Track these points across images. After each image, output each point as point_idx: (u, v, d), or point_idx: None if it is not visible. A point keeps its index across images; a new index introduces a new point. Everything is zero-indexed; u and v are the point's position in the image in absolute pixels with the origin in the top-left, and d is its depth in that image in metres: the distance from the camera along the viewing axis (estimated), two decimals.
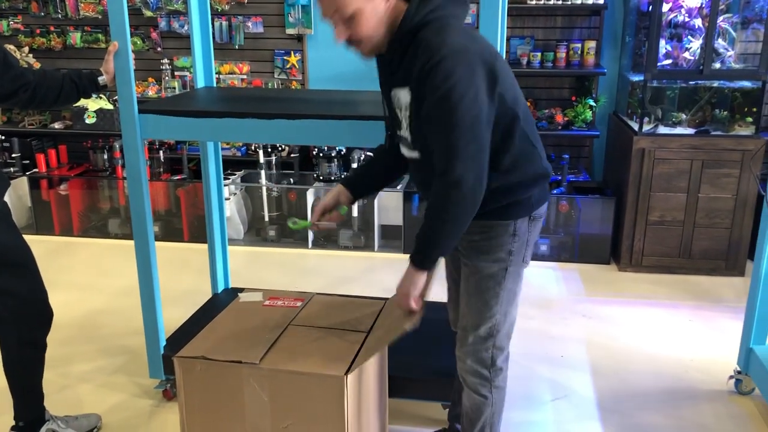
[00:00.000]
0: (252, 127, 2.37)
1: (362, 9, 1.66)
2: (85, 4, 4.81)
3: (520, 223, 1.87)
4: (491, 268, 1.90)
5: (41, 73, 2.26)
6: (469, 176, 1.66)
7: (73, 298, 3.68)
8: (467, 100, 1.62)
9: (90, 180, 4.70)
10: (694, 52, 3.84)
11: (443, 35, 1.65)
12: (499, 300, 1.93)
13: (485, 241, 1.89)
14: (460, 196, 1.67)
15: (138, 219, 2.52)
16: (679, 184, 3.81)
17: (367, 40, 1.73)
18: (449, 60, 1.61)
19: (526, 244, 1.91)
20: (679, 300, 3.65)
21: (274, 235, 4.55)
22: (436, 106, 1.64)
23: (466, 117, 1.63)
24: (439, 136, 1.67)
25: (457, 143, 1.64)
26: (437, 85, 1.62)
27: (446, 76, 1.61)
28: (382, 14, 1.70)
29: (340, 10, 1.67)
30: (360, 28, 1.69)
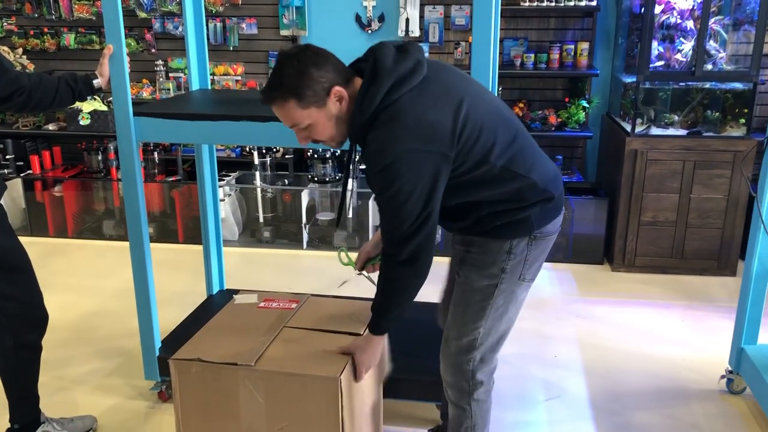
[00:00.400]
0: (247, 130, 2.38)
1: (315, 119, 1.71)
2: (79, 5, 4.80)
3: (518, 242, 1.84)
4: (481, 282, 1.88)
5: (36, 76, 2.27)
6: (417, 259, 1.74)
7: (68, 300, 3.69)
8: (412, 201, 1.67)
9: (84, 181, 4.70)
10: (686, 53, 3.87)
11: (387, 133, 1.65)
12: (485, 315, 1.91)
13: (479, 255, 1.88)
14: (409, 274, 1.77)
15: (133, 221, 2.53)
16: (672, 185, 3.84)
17: (329, 140, 1.79)
18: (393, 167, 1.64)
19: (524, 262, 1.87)
20: (672, 300, 3.68)
21: (269, 236, 4.56)
22: (383, 205, 1.72)
23: (412, 214, 1.68)
24: (386, 224, 1.75)
25: (404, 233, 1.71)
26: (382, 190, 1.69)
27: (390, 182, 1.65)
28: (337, 114, 1.73)
29: (296, 124, 1.74)
30: (319, 134, 1.76)
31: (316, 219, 4.56)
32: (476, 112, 1.72)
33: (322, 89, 1.67)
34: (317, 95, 1.67)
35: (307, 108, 1.68)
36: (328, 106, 1.70)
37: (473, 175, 1.75)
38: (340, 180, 4.47)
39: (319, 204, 4.58)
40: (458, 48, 4.52)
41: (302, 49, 1.71)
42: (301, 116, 1.70)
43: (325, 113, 1.71)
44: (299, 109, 1.68)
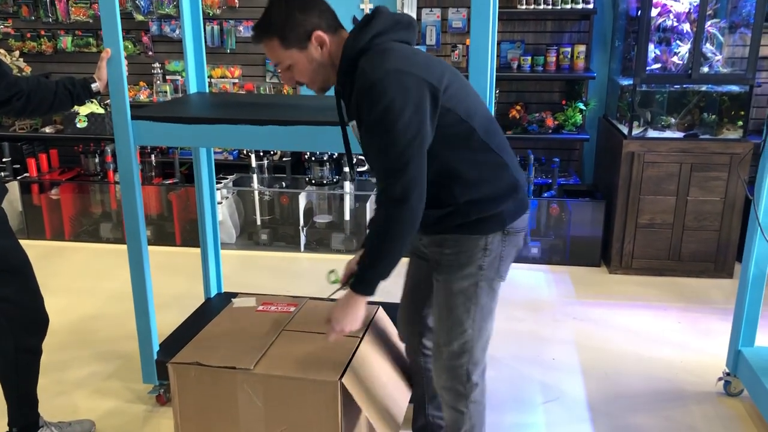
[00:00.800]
0: (245, 133, 2.38)
1: (296, 60, 1.77)
2: (75, 8, 4.80)
3: (492, 237, 1.85)
4: (462, 283, 1.88)
5: (35, 80, 2.27)
6: (410, 194, 1.68)
7: (66, 303, 3.68)
8: (402, 121, 1.64)
9: (81, 184, 4.69)
10: (683, 56, 3.89)
11: (378, 60, 1.69)
12: (471, 316, 1.91)
13: (455, 255, 1.88)
14: (403, 214, 1.69)
15: (131, 225, 2.53)
16: (669, 187, 3.85)
17: (310, 83, 1.83)
18: (381, 83, 1.64)
19: (500, 258, 1.89)
20: (669, 302, 3.69)
21: (266, 238, 4.56)
22: (372, 128, 1.68)
23: (402, 138, 1.65)
24: (378, 156, 1.70)
25: (396, 163, 1.67)
26: (371, 108, 1.66)
27: (379, 98, 1.64)
28: (319, 59, 1.77)
29: (279, 63, 1.80)
30: (300, 76, 1.81)
31: (313, 222, 4.56)
32: (462, 82, 1.82)
33: (304, 32, 1.74)
34: (299, 37, 1.74)
35: (288, 49, 1.75)
36: (310, 49, 1.76)
37: (456, 131, 1.76)
38: (338, 183, 4.47)
39: (316, 207, 4.58)
40: (455, 51, 4.53)
41: None
42: (284, 56, 1.77)
43: (306, 56, 1.76)
44: (282, 49, 1.75)
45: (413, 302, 2.18)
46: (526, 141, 4.57)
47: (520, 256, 4.19)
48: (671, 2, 3.90)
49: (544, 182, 4.42)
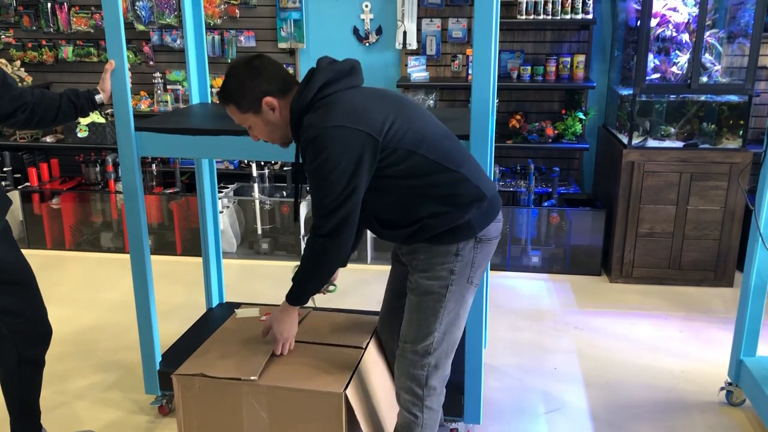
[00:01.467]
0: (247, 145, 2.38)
1: (253, 123, 1.96)
2: (77, 18, 4.82)
3: (464, 244, 1.93)
4: (432, 286, 1.94)
5: (39, 93, 2.28)
6: (337, 233, 1.84)
7: (67, 313, 3.68)
8: (336, 173, 1.79)
9: (82, 194, 4.69)
10: (682, 66, 3.91)
11: (320, 116, 1.83)
12: (439, 318, 1.95)
13: (428, 260, 1.95)
14: (329, 248, 1.87)
15: (134, 236, 2.53)
16: (668, 197, 3.86)
17: (271, 141, 2.01)
18: (320, 138, 1.79)
19: (471, 264, 1.95)
20: (670, 311, 3.69)
21: (267, 247, 4.56)
22: (310, 175, 1.84)
23: (336, 187, 1.80)
24: (314, 199, 1.86)
25: (328, 207, 1.82)
26: (312, 159, 1.81)
27: (317, 152, 1.79)
28: (273, 120, 1.93)
29: (242, 124, 1.98)
30: (263, 136, 2.00)
31: None
32: (408, 113, 1.91)
33: (254, 98, 1.90)
34: (251, 103, 1.91)
35: (245, 113, 1.93)
36: (263, 113, 1.92)
37: (405, 166, 1.86)
38: None
39: None
40: (455, 60, 4.55)
41: (247, 60, 1.93)
42: (242, 119, 1.96)
43: (262, 119, 1.94)
44: (239, 113, 1.94)
45: (394, 308, 2.21)
46: (526, 150, 4.59)
47: (520, 265, 4.25)
48: (670, 12, 3.92)
49: (545, 191, 4.43)
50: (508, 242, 4.27)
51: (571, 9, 4.21)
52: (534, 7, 4.22)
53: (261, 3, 4.67)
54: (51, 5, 4.81)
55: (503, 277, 4.19)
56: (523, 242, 4.27)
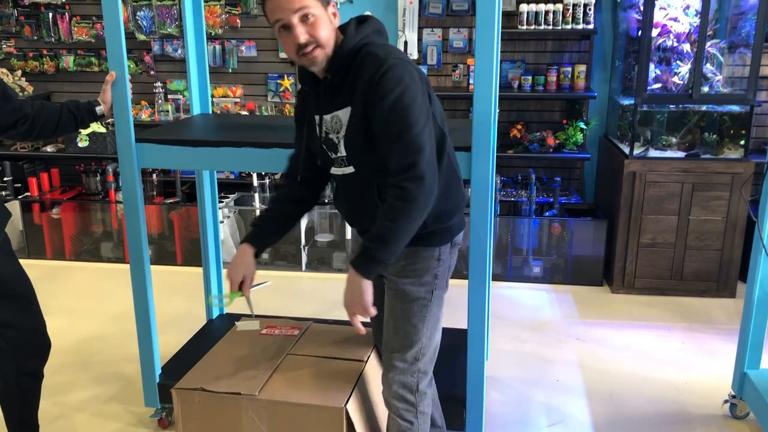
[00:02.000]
0: (248, 156, 2.38)
1: (322, 14, 1.77)
2: (78, 27, 4.82)
3: (443, 248, 1.95)
4: (419, 292, 1.94)
5: (39, 105, 2.27)
6: (429, 173, 1.70)
7: (66, 324, 3.66)
8: (418, 102, 1.72)
9: (82, 203, 4.68)
10: (683, 76, 3.90)
11: (386, 49, 1.78)
12: (426, 324, 1.96)
13: (412, 265, 1.94)
14: (422, 190, 1.70)
15: (134, 248, 2.52)
16: (670, 207, 3.85)
17: (325, 45, 1.78)
18: (398, 68, 1.71)
19: (449, 269, 2.00)
20: (672, 322, 3.68)
21: (268, 257, 4.55)
22: (392, 109, 1.70)
23: (421, 117, 1.71)
24: (397, 136, 1.70)
25: (416, 141, 1.69)
26: (389, 90, 1.70)
27: (397, 81, 1.70)
28: (332, 27, 1.80)
29: (306, 8, 1.73)
30: (321, 31, 1.76)
31: (314, 240, 4.55)
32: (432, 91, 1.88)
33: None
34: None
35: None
36: (328, 12, 1.78)
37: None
38: None
39: (318, 225, 4.58)
40: (456, 70, 4.55)
41: None
42: (314, 3, 1.73)
43: (328, 16, 1.78)
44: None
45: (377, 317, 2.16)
46: (527, 160, 4.58)
47: (522, 275, 4.24)
48: (671, 23, 3.92)
49: (546, 201, 4.42)
50: (509, 252, 4.25)
51: (572, 19, 4.21)
52: (535, 17, 4.22)
53: (262, 13, 4.66)
54: (52, 15, 4.81)
55: (505, 288, 4.17)
56: (525, 252, 4.25)
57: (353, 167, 1.89)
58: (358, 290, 1.78)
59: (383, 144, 1.76)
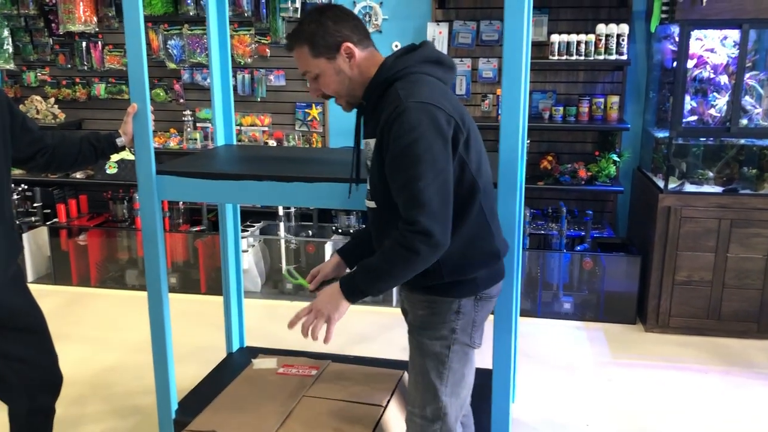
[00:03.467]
0: (270, 190, 2.33)
1: (323, 70, 1.77)
2: (110, 56, 4.88)
3: (465, 301, 1.82)
4: (434, 346, 1.83)
5: (60, 136, 2.26)
6: (435, 229, 1.61)
7: (86, 353, 3.63)
8: (433, 152, 1.61)
9: (109, 230, 4.69)
10: (720, 108, 3.78)
11: (413, 88, 1.68)
12: (444, 381, 1.84)
13: (429, 316, 1.83)
14: (428, 245, 1.61)
15: (152, 281, 2.48)
16: (707, 244, 3.71)
17: (336, 96, 1.82)
18: (415, 112, 1.62)
19: (473, 324, 1.85)
20: (709, 364, 3.51)
21: (292, 287, 4.50)
22: (401, 155, 1.62)
23: (432, 169, 1.61)
24: (403, 186, 1.63)
25: (421, 194, 1.60)
26: (402, 135, 1.61)
27: (413, 126, 1.60)
28: (346, 71, 1.77)
29: (307, 72, 1.80)
30: (325, 87, 1.80)
31: None
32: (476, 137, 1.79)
33: (333, 42, 1.74)
34: (328, 47, 1.74)
35: (317, 57, 1.75)
36: (338, 60, 1.75)
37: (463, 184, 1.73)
38: None
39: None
40: (486, 100, 4.48)
41: (328, 5, 1.83)
42: (312, 65, 1.77)
43: (334, 67, 1.76)
44: (311, 57, 1.76)
45: None
46: (558, 192, 4.47)
47: (552, 311, 4.11)
48: (708, 54, 3.81)
49: (577, 235, 4.30)
50: (539, 287, 4.13)
51: (605, 50, 4.11)
52: (567, 47, 4.14)
53: None
54: (86, 44, 4.87)
55: (533, 324, 4.04)
56: (555, 288, 4.13)
57: (375, 203, 1.82)
58: (333, 304, 1.73)
59: (392, 188, 1.69)
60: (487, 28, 4.37)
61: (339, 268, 2.07)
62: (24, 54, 4.98)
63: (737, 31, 3.61)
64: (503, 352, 2.21)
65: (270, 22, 4.63)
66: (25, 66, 5.04)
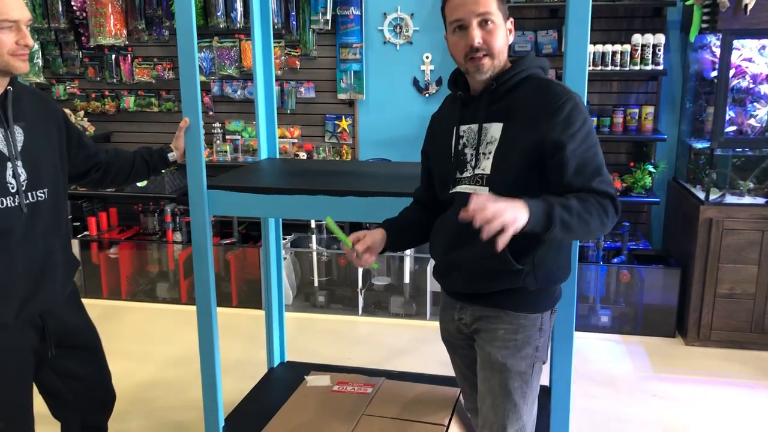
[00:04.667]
0: (322, 204, 2.30)
1: (500, 25, 1.75)
2: (139, 69, 4.88)
3: (546, 316, 1.82)
4: (520, 365, 1.79)
5: (113, 151, 2.25)
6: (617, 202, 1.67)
7: (124, 367, 3.59)
8: (595, 137, 1.70)
9: (139, 243, 4.68)
10: (761, 118, 3.73)
11: (564, 86, 1.76)
12: (527, 400, 1.81)
13: (512, 334, 1.79)
14: (614, 215, 1.66)
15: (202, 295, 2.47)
16: (750, 256, 3.65)
17: (497, 54, 1.75)
18: (581, 106, 1.71)
19: (549, 339, 1.87)
20: (756, 379, 3.45)
21: (324, 300, 4.46)
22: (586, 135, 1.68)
23: (599, 151, 1.70)
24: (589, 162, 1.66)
25: (604, 172, 1.67)
26: (580, 119, 1.68)
27: (585, 112, 1.70)
28: (507, 41, 1.78)
29: (488, 14, 1.71)
30: (497, 39, 1.74)
31: (371, 284, 4.45)
32: None
33: (507, 10, 1.78)
34: (506, 11, 1.77)
35: (500, 11, 1.74)
36: (506, 26, 1.77)
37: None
38: None
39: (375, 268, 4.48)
40: None
41: None
42: (496, 12, 1.73)
43: (505, 30, 1.77)
44: (498, 5, 1.73)
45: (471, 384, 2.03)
46: None
47: (589, 324, 4.06)
48: (746, 63, 3.77)
49: (613, 246, 4.25)
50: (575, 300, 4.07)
51: (641, 60, 4.08)
52: (602, 58, 4.11)
53: (321, 55, 4.67)
54: (115, 57, 4.88)
55: None
56: (592, 300, 4.08)
57: (489, 188, 1.72)
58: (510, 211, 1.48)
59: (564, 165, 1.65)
60: (519, 39, 4.34)
61: (383, 241, 1.91)
62: (53, 67, 4.99)
63: None
64: (563, 370, 2.18)
65: (300, 35, 4.62)
66: (54, 79, 5.05)
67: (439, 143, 1.90)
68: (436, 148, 1.91)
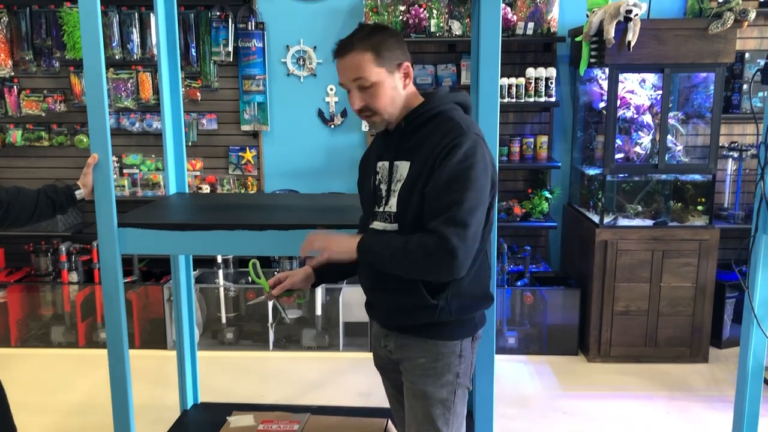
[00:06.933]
0: (242, 240, 2.27)
1: (382, 81, 1.74)
2: (27, 101, 4.63)
3: (466, 343, 1.86)
4: (440, 393, 1.83)
5: (15, 189, 2.12)
6: (461, 254, 1.64)
7: (19, 421, 3.34)
8: (480, 184, 1.68)
9: (31, 285, 4.39)
10: (645, 146, 4.02)
11: (470, 122, 1.77)
12: (451, 427, 1.85)
13: (431, 362, 1.83)
14: (446, 267, 1.65)
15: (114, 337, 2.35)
16: (642, 274, 3.90)
17: (382, 112, 1.77)
18: (477, 145, 1.69)
19: (471, 365, 1.89)
20: (652, 390, 3.66)
21: (232, 337, 4.35)
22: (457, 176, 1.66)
23: (477, 199, 1.67)
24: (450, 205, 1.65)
25: (465, 218, 1.64)
26: (462, 159, 1.66)
27: (473, 153, 1.67)
28: (400, 90, 1.77)
29: (361, 79, 1.73)
30: (377, 100, 1.75)
31: (282, 317, 4.39)
32: None
33: (396, 59, 1.75)
34: (391, 62, 1.74)
35: (379, 67, 1.72)
36: (395, 76, 1.75)
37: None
38: None
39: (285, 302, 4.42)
40: None
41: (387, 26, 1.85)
42: (371, 73, 1.72)
43: (391, 81, 1.75)
44: (373, 65, 1.72)
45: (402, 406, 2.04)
46: None
47: (497, 346, 4.17)
48: (629, 95, 4.06)
49: (515, 270, 4.41)
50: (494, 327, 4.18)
51: (535, 92, 4.30)
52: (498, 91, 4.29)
53: (223, 86, 4.61)
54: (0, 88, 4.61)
55: None
56: (499, 323, 4.21)
57: (398, 225, 1.78)
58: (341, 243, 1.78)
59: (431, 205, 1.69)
60: (420, 72, 4.47)
61: (308, 279, 1.99)
62: None
63: (654, 74, 3.88)
64: (486, 394, 2.23)
65: (201, 66, 4.55)
66: None
67: (364, 176, 1.94)
68: (363, 180, 1.95)
